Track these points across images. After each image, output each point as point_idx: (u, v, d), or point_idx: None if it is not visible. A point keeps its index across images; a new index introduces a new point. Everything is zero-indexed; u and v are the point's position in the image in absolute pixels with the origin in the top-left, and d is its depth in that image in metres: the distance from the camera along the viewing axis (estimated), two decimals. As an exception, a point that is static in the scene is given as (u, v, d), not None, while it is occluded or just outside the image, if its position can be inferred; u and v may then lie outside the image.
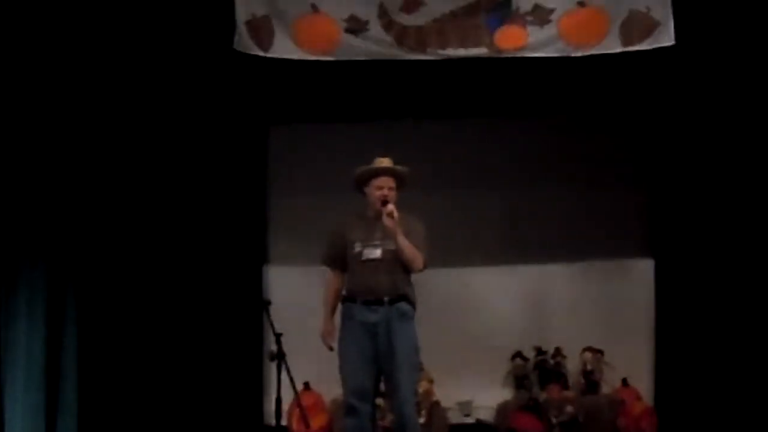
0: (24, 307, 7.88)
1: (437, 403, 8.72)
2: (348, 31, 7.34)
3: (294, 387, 6.08)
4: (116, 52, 8.23)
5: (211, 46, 7.92)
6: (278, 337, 6.05)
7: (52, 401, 7.84)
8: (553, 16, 7.24)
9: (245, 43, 7.39)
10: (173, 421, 8.60)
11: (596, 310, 9.18)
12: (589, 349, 9.02)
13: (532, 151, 9.25)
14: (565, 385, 8.98)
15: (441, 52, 7.38)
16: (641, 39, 7.17)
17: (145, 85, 8.54)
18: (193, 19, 8.02)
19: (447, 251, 8.06)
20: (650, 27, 7.14)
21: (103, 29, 8.05)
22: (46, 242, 7.98)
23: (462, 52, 7.35)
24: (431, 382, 8.69)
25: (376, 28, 7.34)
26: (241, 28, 7.34)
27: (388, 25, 7.33)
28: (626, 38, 7.17)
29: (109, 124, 8.54)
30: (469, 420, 9.02)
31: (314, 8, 7.34)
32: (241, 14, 7.36)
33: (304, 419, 6.89)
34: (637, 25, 7.15)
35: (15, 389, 7.78)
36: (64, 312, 8.00)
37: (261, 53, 7.41)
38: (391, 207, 6.12)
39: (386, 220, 6.10)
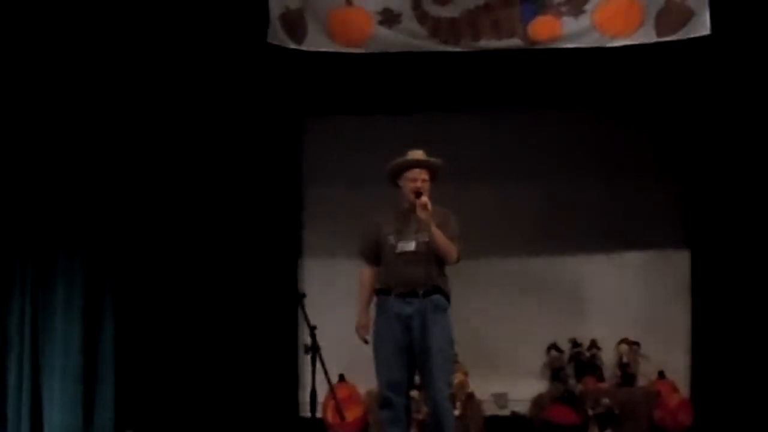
0: (61, 299, 7.96)
1: (472, 396, 8.71)
2: (381, 23, 7.34)
3: (329, 379, 6.10)
4: (151, 46, 8.27)
5: (245, 39, 7.95)
6: (313, 329, 6.06)
7: (90, 393, 7.91)
8: (588, 7, 7.21)
9: (279, 36, 7.41)
10: (209, 414, 8.64)
11: (632, 301, 9.12)
12: (625, 341, 8.97)
13: (566, 142, 9.20)
14: (600, 378, 8.94)
15: (475, 43, 7.36)
16: (676, 29, 7.12)
17: (179, 78, 8.58)
18: (226, 12, 8.04)
19: (481, 243, 8.02)
20: (685, 17, 7.09)
21: (140, 23, 8.10)
22: (83, 235, 8.05)
23: (496, 43, 7.33)
24: (466, 374, 8.69)
25: (409, 21, 7.33)
26: (275, 22, 7.36)
27: (422, 17, 7.32)
28: (661, 28, 7.12)
29: (146, 117, 8.59)
30: (505, 412, 9.00)
31: (347, 1, 7.35)
32: (275, 7, 7.38)
33: (339, 411, 6.90)
34: (672, 15, 7.10)
35: (53, 381, 7.87)
36: (102, 304, 8.07)
37: (294, 46, 7.43)
38: (424, 199, 6.14)
39: (420, 213, 6.12)
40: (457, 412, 7.78)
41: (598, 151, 9.20)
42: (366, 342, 6.32)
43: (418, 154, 6.37)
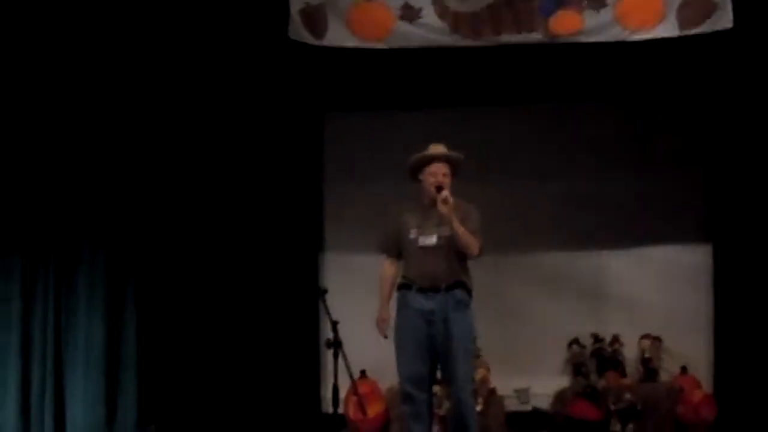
0: (84, 294, 7.99)
1: (494, 391, 8.70)
2: (402, 18, 7.35)
3: (351, 375, 6.08)
4: (173, 42, 8.28)
5: (266, 34, 7.96)
6: (335, 324, 6.05)
7: (112, 388, 7.94)
8: (610, 0, 7.19)
9: (299, 31, 7.43)
10: (231, 408, 8.66)
11: (654, 296, 9.09)
12: (647, 336, 8.94)
13: (587, 137, 9.17)
14: (623, 373, 8.91)
15: (495, 38, 7.36)
16: (699, 22, 7.09)
17: (201, 75, 8.59)
18: (247, 8, 8.05)
19: (502, 238, 8.02)
20: (708, 10, 7.07)
21: (164, 19, 8.11)
22: (106, 231, 8.07)
23: (517, 38, 7.32)
24: (488, 369, 8.68)
25: (430, 15, 7.33)
26: (295, 17, 7.38)
27: (443, 11, 7.31)
28: (684, 22, 7.10)
29: (167, 113, 8.60)
30: (526, 407, 8.98)
31: (368, -4, 7.37)
32: (295, 2, 7.39)
33: (361, 407, 6.88)
34: (694, 8, 7.08)
35: (76, 376, 7.91)
36: (124, 299, 8.09)
37: (315, 41, 7.44)
38: (446, 193, 6.12)
39: (441, 207, 6.10)
40: (479, 408, 7.76)
41: (618, 146, 9.17)
42: (386, 337, 6.31)
43: (439, 148, 6.35)
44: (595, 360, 8.99)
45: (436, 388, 6.91)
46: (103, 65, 8.04)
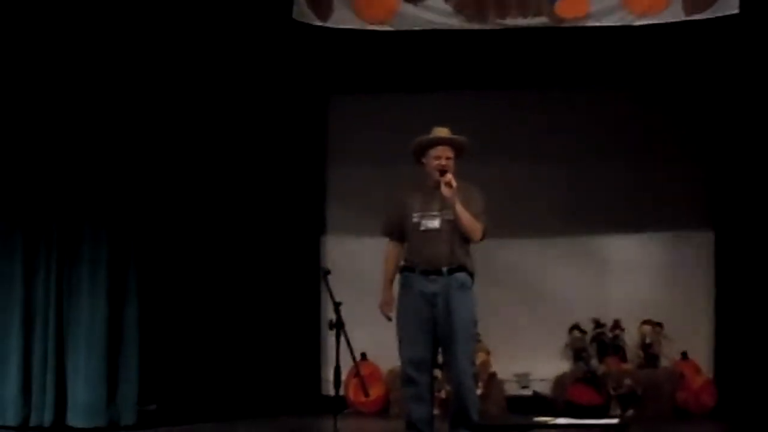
0: (86, 274, 7.97)
1: (494, 375, 8.72)
2: (407, 0, 7.31)
3: (353, 356, 6.09)
4: (177, 23, 8.25)
5: (271, 15, 7.93)
6: (338, 306, 6.05)
7: (113, 367, 7.93)
8: (615, -15, 7.16)
9: (304, 12, 7.39)
10: (232, 390, 8.68)
11: (656, 282, 9.11)
12: (648, 321, 8.96)
13: (591, 122, 9.18)
14: (623, 358, 8.93)
15: (501, 21, 7.32)
16: (705, 8, 7.05)
17: (205, 56, 8.57)
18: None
19: (505, 222, 7.99)
20: (714, -5, 7.04)
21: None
22: (108, 214, 8.06)
23: (522, 21, 7.28)
24: (489, 353, 8.70)
25: (435, -2, 7.30)
26: (300, -2, 7.35)
27: (448, -6, 7.29)
28: (689, 7, 7.06)
29: (170, 95, 8.57)
30: (527, 392, 9.00)
31: (373, -22, 7.34)
32: (300, -16, 7.36)
33: (364, 389, 6.89)
34: (700, -7, 7.05)
35: (77, 355, 7.90)
36: (126, 279, 8.08)
37: (320, 23, 7.41)
38: (449, 176, 6.10)
39: (444, 190, 6.09)
40: (479, 391, 7.77)
41: (623, 131, 9.17)
42: (390, 319, 6.31)
43: (443, 132, 6.34)
44: (595, 345, 9.02)
45: (437, 371, 6.91)
46: (106, 45, 8.01)
